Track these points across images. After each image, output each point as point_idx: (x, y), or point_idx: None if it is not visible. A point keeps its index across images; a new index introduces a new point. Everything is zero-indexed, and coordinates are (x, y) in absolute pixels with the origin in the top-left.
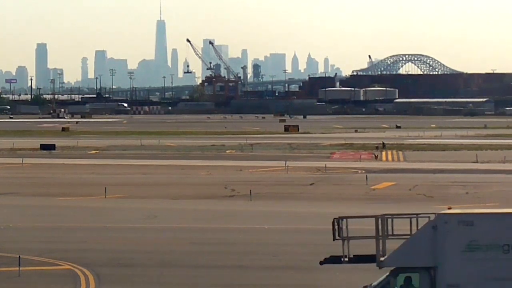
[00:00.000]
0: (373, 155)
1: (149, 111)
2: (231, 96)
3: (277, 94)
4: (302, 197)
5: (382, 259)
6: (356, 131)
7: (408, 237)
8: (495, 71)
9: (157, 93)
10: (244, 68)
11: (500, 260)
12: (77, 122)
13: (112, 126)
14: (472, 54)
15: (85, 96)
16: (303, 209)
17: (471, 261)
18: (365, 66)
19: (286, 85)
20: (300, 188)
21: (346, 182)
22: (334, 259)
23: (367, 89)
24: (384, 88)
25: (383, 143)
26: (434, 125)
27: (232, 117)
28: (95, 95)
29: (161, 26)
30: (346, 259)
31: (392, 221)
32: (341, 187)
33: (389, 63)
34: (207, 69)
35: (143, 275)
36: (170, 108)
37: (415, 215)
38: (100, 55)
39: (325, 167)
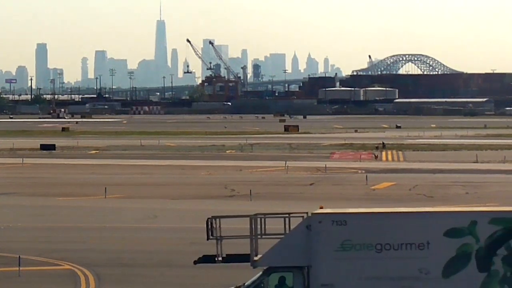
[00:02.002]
0: (373, 155)
1: (149, 111)
2: (231, 96)
3: (277, 94)
4: (302, 197)
5: (256, 258)
6: (356, 131)
7: (282, 236)
8: (495, 71)
9: (157, 93)
10: (244, 68)
11: (373, 259)
12: (77, 122)
13: (112, 126)
14: (472, 54)
15: (85, 96)
16: (303, 209)
17: (344, 260)
18: (365, 66)
19: (286, 85)
20: (300, 188)
21: (346, 182)
22: (208, 259)
23: (367, 89)
24: (384, 88)
25: (383, 143)
26: (434, 125)
27: (232, 117)
28: (95, 95)
29: (161, 26)
30: (220, 258)
31: (264, 220)
32: (341, 187)
33: (389, 63)
34: (207, 69)
35: (143, 275)
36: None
37: (288, 215)
38: (100, 55)
39: (325, 167)
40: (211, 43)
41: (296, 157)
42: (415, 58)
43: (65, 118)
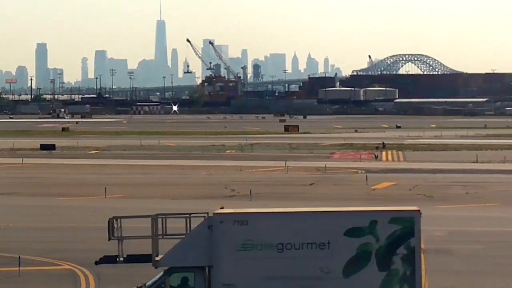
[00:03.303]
0: (373, 155)
1: (149, 111)
2: (231, 96)
3: (277, 94)
4: (302, 197)
5: (157, 258)
6: (356, 131)
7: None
8: (495, 71)
9: (157, 93)
10: (244, 68)
11: (274, 259)
12: (77, 122)
13: (112, 126)
14: (472, 54)
15: (85, 96)
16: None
17: (246, 260)
18: (365, 66)
19: (286, 85)
20: (300, 188)
21: (346, 182)
22: (109, 259)
23: (367, 89)
24: (384, 88)
25: (383, 143)
26: (434, 125)
27: (232, 117)
28: (95, 95)
29: (161, 26)
30: (121, 258)
31: (165, 220)
32: (341, 187)
33: (389, 63)
34: (207, 69)
35: (143, 275)
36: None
37: (189, 215)
38: (100, 55)
39: (325, 167)
40: (211, 43)
41: (296, 157)
42: (415, 58)
43: (65, 118)
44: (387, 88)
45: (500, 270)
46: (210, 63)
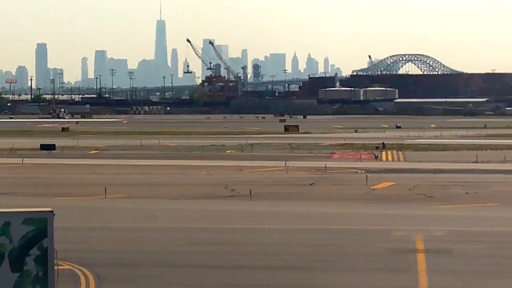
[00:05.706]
0: (373, 155)
1: (149, 111)
2: (231, 96)
3: (277, 94)
4: (302, 197)
5: None
6: (356, 131)
7: None
8: (495, 71)
9: (157, 93)
10: (244, 68)
11: None
12: (77, 122)
13: (112, 126)
14: (472, 54)
15: (85, 96)
16: (303, 209)
17: None
18: (365, 66)
19: (286, 85)
20: (300, 188)
21: (346, 182)
22: None
23: (367, 89)
24: (384, 88)
25: (383, 143)
26: (434, 125)
27: (232, 117)
28: (95, 95)
29: (161, 26)
30: None
31: None
32: (341, 187)
33: (389, 63)
34: (207, 69)
35: (143, 275)
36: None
37: None
38: (100, 55)
39: (325, 167)
40: (211, 43)
41: (296, 157)
42: (415, 58)
43: (65, 118)
44: (387, 88)
45: (500, 270)
46: (210, 63)
